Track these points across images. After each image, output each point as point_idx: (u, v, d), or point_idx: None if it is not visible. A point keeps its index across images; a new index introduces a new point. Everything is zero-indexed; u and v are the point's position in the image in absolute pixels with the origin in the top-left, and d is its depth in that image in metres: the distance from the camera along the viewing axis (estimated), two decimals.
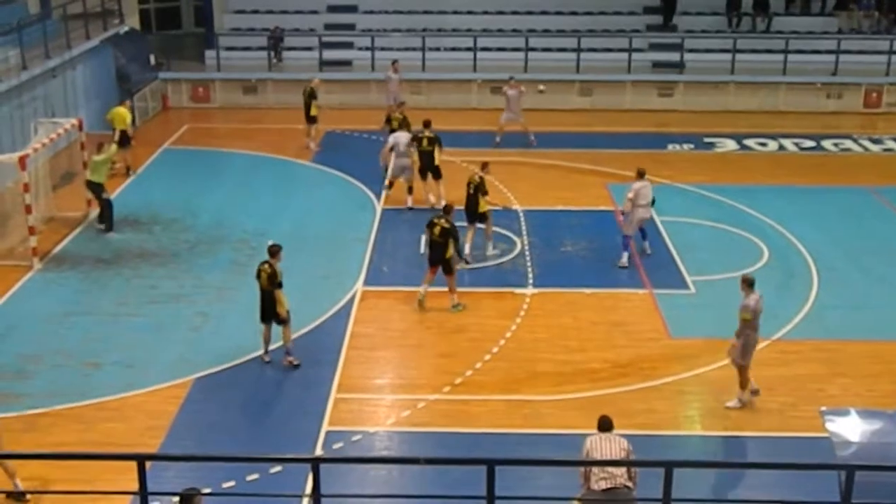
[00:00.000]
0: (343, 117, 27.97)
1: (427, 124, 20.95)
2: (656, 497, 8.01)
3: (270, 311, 14.47)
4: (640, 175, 18.21)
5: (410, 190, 21.07)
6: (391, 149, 20.95)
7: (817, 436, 11.63)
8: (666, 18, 32.09)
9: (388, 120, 22.88)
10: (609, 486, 10.03)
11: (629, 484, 10.09)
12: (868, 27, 32.16)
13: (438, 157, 20.66)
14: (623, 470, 10.08)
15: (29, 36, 23.02)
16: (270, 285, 14.34)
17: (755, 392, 13.68)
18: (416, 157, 20.84)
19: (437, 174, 20.84)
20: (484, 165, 18.84)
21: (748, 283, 13.50)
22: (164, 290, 17.21)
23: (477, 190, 18.11)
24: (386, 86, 26.88)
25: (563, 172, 23.73)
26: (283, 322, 14.49)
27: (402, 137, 20.98)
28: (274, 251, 14.46)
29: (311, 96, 24.76)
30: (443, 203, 18.26)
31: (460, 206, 17.72)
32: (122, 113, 22.83)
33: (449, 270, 16.36)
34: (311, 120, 24.94)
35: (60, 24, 25.14)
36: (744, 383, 13.60)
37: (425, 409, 13.64)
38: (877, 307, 16.77)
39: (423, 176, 20.94)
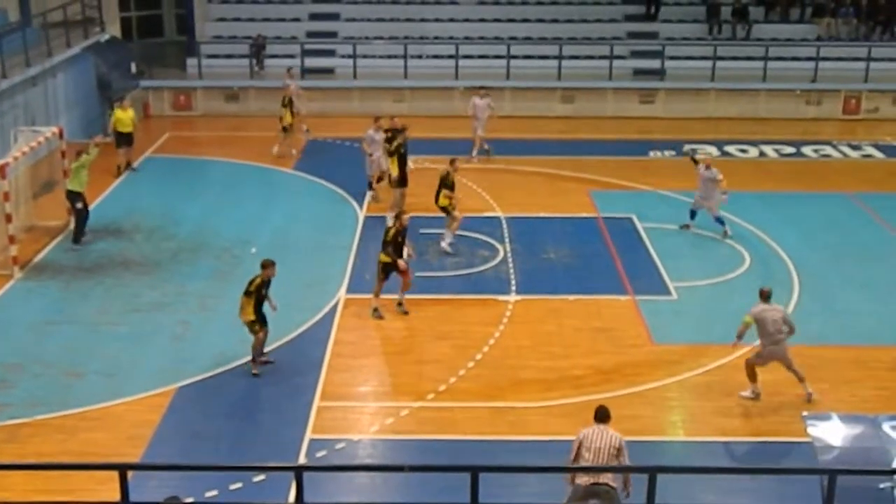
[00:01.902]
0: (325, 125, 27.92)
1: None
2: (640, 503, 8.02)
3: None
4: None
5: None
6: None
7: (799, 440, 11.68)
8: (648, 9, 32.19)
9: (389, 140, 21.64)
10: (592, 482, 10.08)
11: (613, 484, 10.13)
12: (847, 34, 32.41)
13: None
14: (610, 461, 10.13)
15: (9, 44, 22.91)
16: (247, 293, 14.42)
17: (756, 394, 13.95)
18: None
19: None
20: (452, 161, 19.27)
21: (762, 296, 13.95)
22: (145, 298, 17.13)
23: (441, 183, 18.64)
24: (285, 92, 26.73)
25: (545, 179, 23.79)
26: (253, 332, 14.59)
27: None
28: (263, 265, 14.60)
29: (286, 105, 24.61)
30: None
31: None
32: (118, 115, 23.22)
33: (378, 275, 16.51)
34: (284, 128, 24.77)
35: (41, 32, 25.03)
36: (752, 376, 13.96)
37: (409, 417, 13.62)
38: (858, 313, 16.88)
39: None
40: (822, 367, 14.95)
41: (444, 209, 18.86)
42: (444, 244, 18.90)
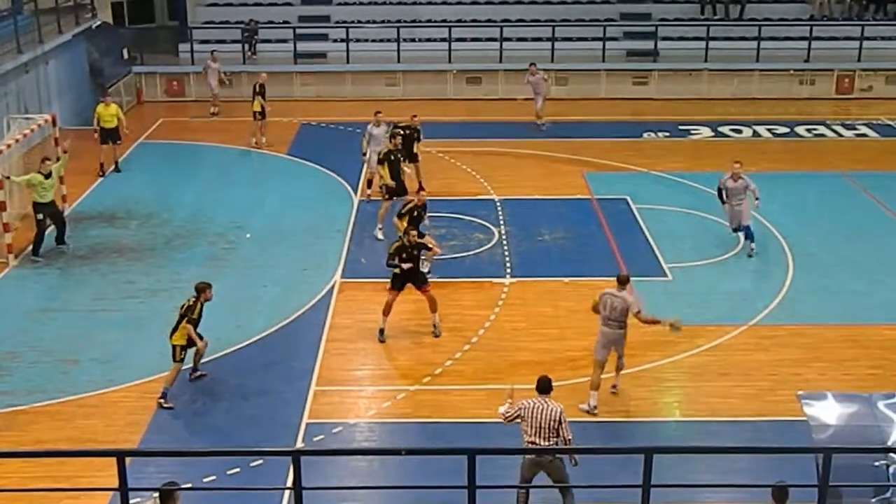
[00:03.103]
0: (318, 109, 27.89)
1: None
2: (637, 483, 8.06)
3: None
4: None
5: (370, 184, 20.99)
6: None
7: (795, 419, 11.73)
8: None
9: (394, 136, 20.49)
10: (532, 442, 10.40)
11: (556, 450, 10.32)
12: (840, 14, 32.38)
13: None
14: (550, 436, 10.35)
15: (0, 31, 22.77)
16: (181, 316, 13.44)
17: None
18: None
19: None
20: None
21: (620, 281, 13.27)
22: (141, 285, 17.12)
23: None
24: (206, 77, 27.26)
25: (539, 161, 23.78)
26: (173, 356, 13.48)
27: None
28: (200, 289, 13.56)
29: (258, 92, 24.19)
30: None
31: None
32: (99, 111, 22.43)
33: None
34: (255, 116, 24.23)
35: (32, 19, 24.92)
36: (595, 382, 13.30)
37: (406, 400, 13.66)
38: (852, 291, 16.92)
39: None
40: (816, 347, 15.01)
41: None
42: (376, 231, 18.48)
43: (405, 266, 14.91)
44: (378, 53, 29.95)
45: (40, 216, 18.12)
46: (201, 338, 13.52)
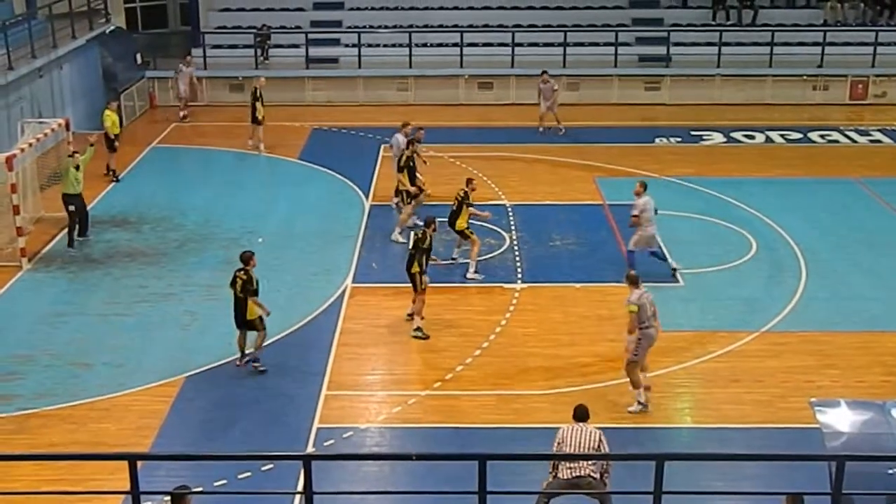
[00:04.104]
0: (330, 114, 27.94)
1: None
2: (648, 490, 8.04)
3: (242, 318, 14.30)
4: (644, 187, 17.23)
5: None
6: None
7: (807, 426, 11.68)
8: None
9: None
10: (575, 475, 10.12)
11: (595, 475, 10.18)
12: (853, 19, 32.27)
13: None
14: (589, 464, 10.17)
15: (14, 36, 22.91)
16: (244, 293, 14.16)
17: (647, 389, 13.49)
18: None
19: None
20: (469, 182, 17.90)
21: (631, 281, 13.39)
22: (152, 289, 17.17)
23: (461, 203, 17.40)
24: (177, 80, 27.49)
25: (550, 167, 23.76)
26: (256, 328, 14.35)
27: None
28: (246, 258, 14.23)
29: (256, 97, 24.12)
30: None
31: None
32: (107, 115, 22.46)
33: (415, 288, 15.52)
34: (255, 121, 24.18)
35: (46, 24, 25.03)
36: (636, 383, 13.31)
37: (416, 405, 13.65)
38: (865, 298, 16.84)
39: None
40: (829, 354, 14.95)
41: (461, 233, 17.58)
42: (470, 273, 17.42)
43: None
44: (390, 59, 29.99)
45: (71, 207, 18.74)
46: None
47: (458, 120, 27.19)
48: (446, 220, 17.66)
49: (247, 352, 14.54)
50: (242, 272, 14.20)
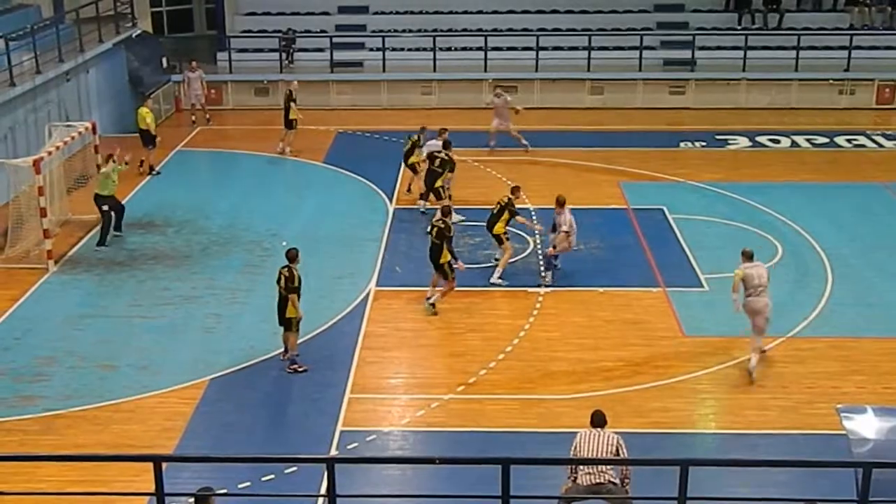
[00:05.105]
0: (354, 118, 28.01)
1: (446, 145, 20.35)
2: (672, 496, 8.00)
3: (281, 316, 14.48)
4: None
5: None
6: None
7: (833, 433, 11.58)
8: None
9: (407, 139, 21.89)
10: (595, 481, 10.08)
11: (615, 480, 10.13)
12: (881, 23, 32.00)
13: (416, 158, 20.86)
14: (610, 466, 10.11)
15: (42, 40, 23.12)
16: (286, 290, 14.33)
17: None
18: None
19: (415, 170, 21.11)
20: (515, 189, 18.05)
21: (745, 256, 14.59)
22: (177, 291, 17.27)
23: (503, 209, 17.45)
24: (185, 87, 27.62)
25: (575, 171, 23.71)
26: (289, 328, 14.46)
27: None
28: (292, 255, 14.49)
29: (290, 100, 24.36)
30: (421, 203, 19.22)
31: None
32: (143, 113, 23.04)
33: (444, 276, 16.23)
34: (289, 124, 24.48)
35: (73, 28, 25.26)
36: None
37: (439, 409, 13.65)
38: (892, 304, 16.69)
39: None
40: (856, 360, 14.83)
41: (497, 237, 17.68)
42: (494, 278, 17.43)
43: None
44: (414, 62, 30.04)
45: (105, 207, 19.10)
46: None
47: (481, 124, 27.15)
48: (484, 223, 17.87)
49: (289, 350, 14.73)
50: (286, 269, 14.34)
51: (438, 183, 19.80)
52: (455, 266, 16.29)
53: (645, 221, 20.34)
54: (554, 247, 17.55)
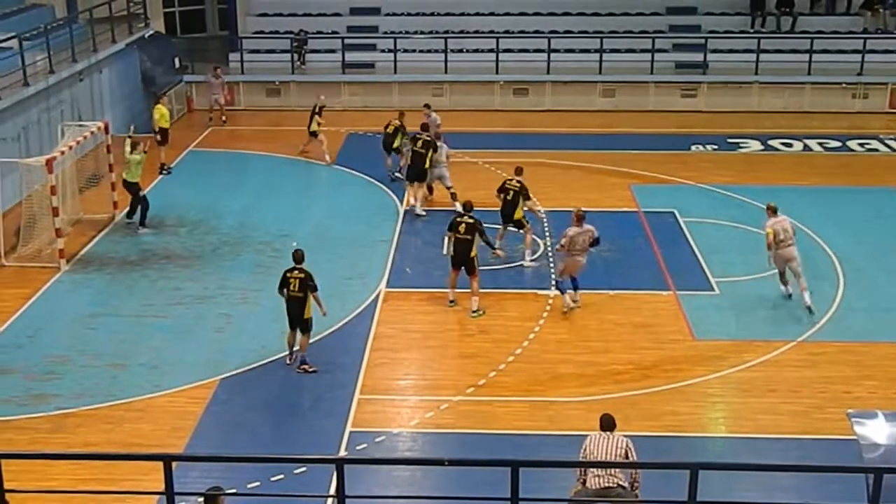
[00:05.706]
0: (366, 119, 28.03)
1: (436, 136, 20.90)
2: (682, 500, 7.98)
3: (298, 318, 14.46)
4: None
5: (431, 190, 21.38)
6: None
7: (843, 438, 11.54)
8: None
9: (387, 126, 22.94)
10: (604, 484, 10.05)
11: (625, 484, 10.11)
12: (894, 26, 31.88)
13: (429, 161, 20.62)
14: (620, 469, 10.09)
15: (56, 40, 23.21)
16: (303, 290, 14.30)
17: None
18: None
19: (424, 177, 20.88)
20: (519, 170, 18.49)
21: (771, 210, 16.37)
22: (188, 291, 17.31)
23: (517, 195, 17.97)
24: (208, 88, 27.67)
25: (585, 173, 23.69)
26: (305, 330, 14.50)
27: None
28: (299, 257, 14.52)
29: (315, 112, 24.23)
30: (457, 205, 18.76)
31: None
32: (162, 111, 23.40)
33: (472, 271, 16.34)
34: (312, 134, 24.39)
35: (87, 28, 25.36)
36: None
37: (449, 410, 13.65)
38: None
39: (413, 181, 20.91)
40: (867, 364, 14.77)
41: (517, 222, 18.13)
42: (528, 261, 18.15)
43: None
44: (425, 64, 30.06)
45: (142, 193, 19.91)
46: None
47: (492, 126, 27.19)
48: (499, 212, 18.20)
49: (294, 349, 14.71)
50: (298, 271, 14.34)
51: (426, 165, 20.37)
52: (493, 254, 16.91)
53: (656, 224, 20.30)
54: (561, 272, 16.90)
